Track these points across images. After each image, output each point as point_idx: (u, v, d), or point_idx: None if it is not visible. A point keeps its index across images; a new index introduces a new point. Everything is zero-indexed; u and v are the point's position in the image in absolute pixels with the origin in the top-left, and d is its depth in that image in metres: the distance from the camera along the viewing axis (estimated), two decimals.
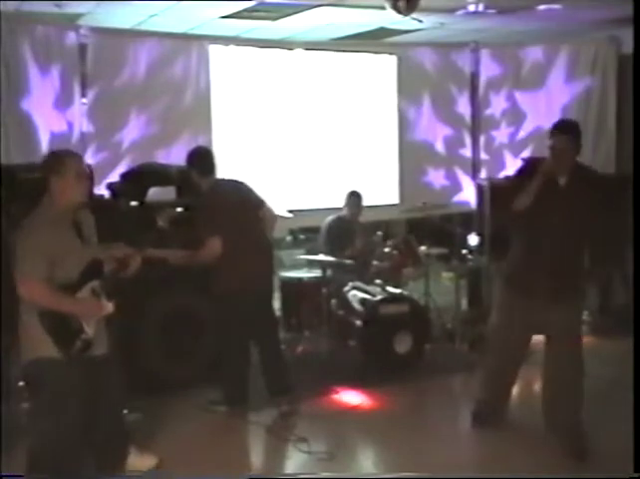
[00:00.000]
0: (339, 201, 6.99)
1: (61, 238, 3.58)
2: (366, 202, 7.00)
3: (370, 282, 6.21)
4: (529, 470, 4.12)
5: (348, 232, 6.68)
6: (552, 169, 4.12)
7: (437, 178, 9.13)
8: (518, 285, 4.34)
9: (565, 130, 4.20)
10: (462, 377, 5.87)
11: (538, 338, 4.46)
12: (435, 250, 6.64)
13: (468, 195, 8.98)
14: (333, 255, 6.16)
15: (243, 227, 4.90)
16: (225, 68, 7.90)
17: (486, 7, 7.05)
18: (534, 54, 9.00)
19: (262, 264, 5.03)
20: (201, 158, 5.06)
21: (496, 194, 4.39)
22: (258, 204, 5.06)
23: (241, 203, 4.98)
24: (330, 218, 6.85)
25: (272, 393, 5.06)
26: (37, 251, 3.49)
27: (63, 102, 6.97)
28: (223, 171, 7.86)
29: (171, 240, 5.12)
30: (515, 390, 5.01)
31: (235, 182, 5.16)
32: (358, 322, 5.77)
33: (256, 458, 4.63)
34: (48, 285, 3.50)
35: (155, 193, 5.95)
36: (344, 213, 6.86)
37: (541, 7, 7.18)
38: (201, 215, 4.93)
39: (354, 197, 6.86)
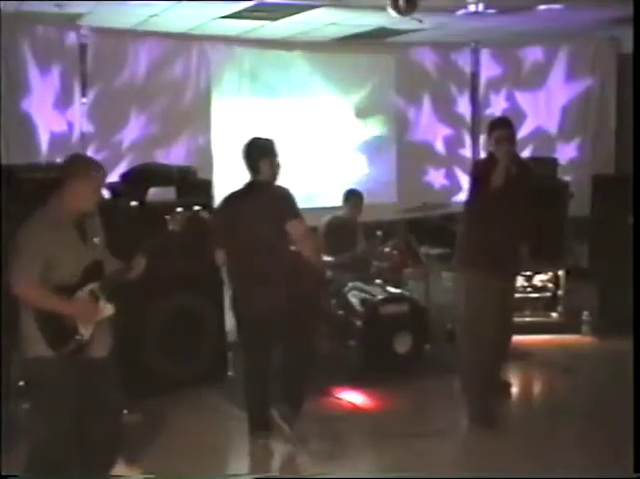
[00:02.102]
0: (338, 200, 6.96)
1: (60, 238, 3.55)
2: (366, 201, 6.99)
3: (370, 282, 6.21)
4: (530, 470, 4.13)
5: (347, 232, 6.62)
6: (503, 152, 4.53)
7: (437, 178, 9.14)
8: (487, 265, 4.60)
9: (505, 123, 4.71)
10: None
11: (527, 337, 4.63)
12: (435, 250, 6.64)
13: None
14: (332, 256, 6.14)
15: (261, 242, 4.29)
16: (225, 68, 7.90)
17: (487, 7, 7.05)
18: (534, 54, 9.01)
19: (281, 292, 4.34)
20: (246, 151, 4.47)
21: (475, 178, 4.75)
22: (284, 215, 4.29)
23: (262, 213, 4.30)
24: (327, 217, 6.73)
25: (281, 414, 4.64)
26: (31, 251, 3.47)
27: (63, 102, 6.98)
28: (223, 171, 7.92)
29: (179, 245, 5.15)
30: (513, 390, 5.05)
31: (259, 187, 4.44)
32: (358, 322, 5.77)
33: (256, 458, 4.62)
34: (40, 286, 3.47)
35: (155, 193, 5.95)
36: (342, 212, 6.75)
37: (541, 7, 7.18)
38: (213, 221, 4.45)
39: (353, 196, 6.71)
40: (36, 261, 3.46)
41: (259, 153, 4.40)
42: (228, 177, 7.83)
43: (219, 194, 6.37)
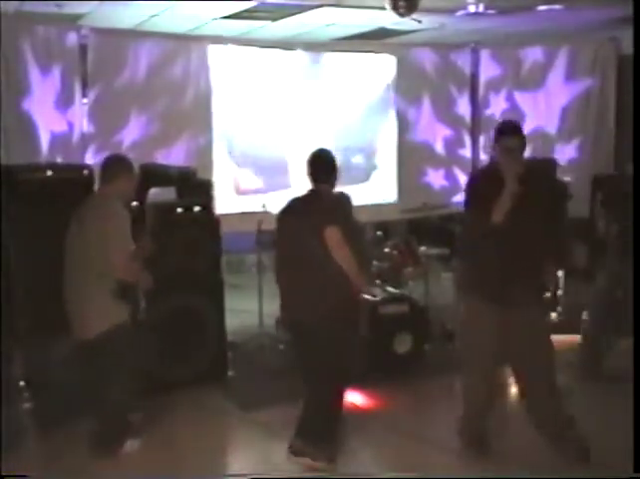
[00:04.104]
0: None
1: (129, 223, 4.28)
2: (366, 202, 6.98)
3: (370, 282, 6.21)
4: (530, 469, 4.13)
5: None
6: (512, 170, 4.08)
7: (436, 178, 9.14)
8: (489, 293, 4.18)
9: (515, 131, 4.24)
10: (461, 378, 5.86)
11: None
12: (435, 250, 6.64)
13: None
14: None
15: (296, 254, 4.24)
16: (226, 68, 7.91)
17: (486, 8, 7.05)
18: (534, 54, 9.01)
19: (314, 308, 4.15)
20: (317, 161, 4.49)
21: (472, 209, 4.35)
22: (316, 224, 4.13)
23: (298, 221, 4.25)
24: None
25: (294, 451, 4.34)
26: (125, 230, 4.21)
27: (63, 102, 6.98)
28: (222, 171, 7.92)
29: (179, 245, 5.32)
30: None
31: (311, 194, 4.39)
32: None
33: (256, 458, 4.63)
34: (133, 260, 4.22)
35: (155, 193, 5.96)
36: None
37: (541, 8, 7.18)
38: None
39: None
40: (128, 237, 4.20)
41: (330, 165, 4.48)
42: (228, 177, 7.90)
43: (219, 194, 6.41)
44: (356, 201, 6.75)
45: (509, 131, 4.23)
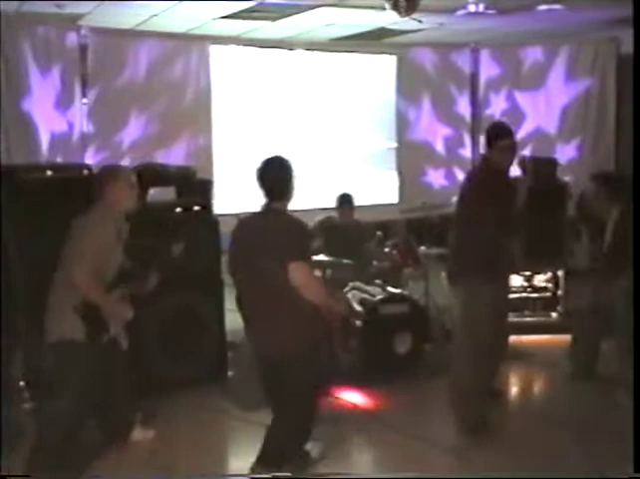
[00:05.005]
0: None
1: (111, 240, 3.99)
2: (366, 202, 6.98)
3: (370, 282, 6.21)
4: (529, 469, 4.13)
5: (341, 234, 6.58)
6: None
7: (436, 178, 9.15)
8: (481, 274, 4.48)
9: (510, 133, 4.53)
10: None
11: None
12: (435, 250, 6.63)
13: None
14: (328, 256, 6.13)
15: (256, 282, 3.77)
16: (225, 68, 7.91)
17: (486, 7, 7.06)
18: (534, 54, 9.01)
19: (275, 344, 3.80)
20: (266, 171, 3.84)
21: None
22: (278, 257, 3.63)
23: (267, 244, 3.72)
24: (320, 217, 6.67)
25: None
26: (96, 247, 3.89)
27: (63, 102, 6.99)
28: (222, 171, 7.92)
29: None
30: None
31: (265, 215, 3.83)
32: (358, 322, 5.77)
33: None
34: (97, 280, 3.88)
35: (155, 193, 5.95)
36: (335, 215, 6.75)
37: (541, 7, 7.19)
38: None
39: (344, 201, 6.66)
40: (97, 255, 3.87)
41: (286, 174, 3.85)
42: (228, 177, 7.89)
43: (219, 194, 6.41)
44: (356, 201, 6.87)
45: (505, 132, 4.49)
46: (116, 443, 4.38)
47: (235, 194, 7.83)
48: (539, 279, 6.91)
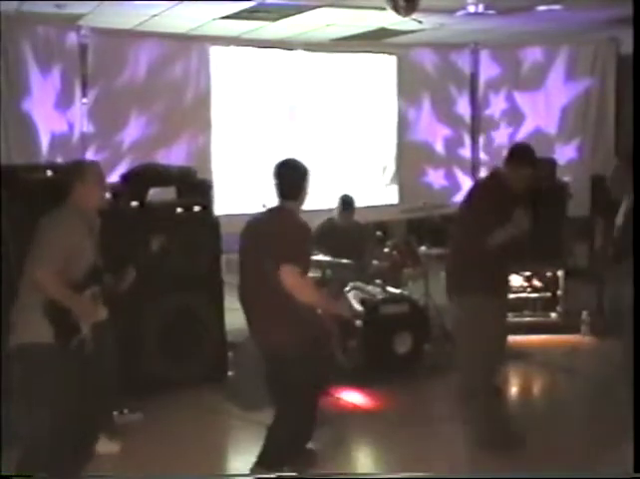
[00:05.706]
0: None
1: (79, 239, 3.79)
2: (366, 202, 6.98)
3: (370, 282, 6.21)
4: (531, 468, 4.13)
5: (341, 235, 6.58)
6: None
7: (436, 178, 9.14)
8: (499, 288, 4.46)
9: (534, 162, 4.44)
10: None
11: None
12: (435, 251, 6.64)
13: None
14: (328, 256, 6.14)
15: (257, 282, 3.87)
16: (226, 68, 7.91)
17: (486, 8, 7.06)
18: (534, 54, 9.01)
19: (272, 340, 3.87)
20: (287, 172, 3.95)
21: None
22: (272, 258, 3.72)
23: (257, 249, 3.87)
24: (320, 219, 6.69)
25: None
26: (59, 246, 3.69)
27: (63, 102, 6.98)
28: (222, 171, 7.92)
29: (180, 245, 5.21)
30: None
31: (271, 215, 3.98)
32: (358, 322, 5.77)
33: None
34: (62, 279, 3.66)
35: (155, 193, 5.96)
36: (336, 217, 6.76)
37: (541, 8, 7.19)
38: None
39: (345, 202, 6.67)
40: (61, 256, 3.67)
41: (302, 178, 3.92)
42: (228, 177, 7.90)
43: (219, 194, 6.40)
44: (357, 201, 6.88)
45: (530, 161, 4.38)
46: (80, 455, 4.04)
47: (235, 194, 7.87)
48: (539, 279, 6.92)
